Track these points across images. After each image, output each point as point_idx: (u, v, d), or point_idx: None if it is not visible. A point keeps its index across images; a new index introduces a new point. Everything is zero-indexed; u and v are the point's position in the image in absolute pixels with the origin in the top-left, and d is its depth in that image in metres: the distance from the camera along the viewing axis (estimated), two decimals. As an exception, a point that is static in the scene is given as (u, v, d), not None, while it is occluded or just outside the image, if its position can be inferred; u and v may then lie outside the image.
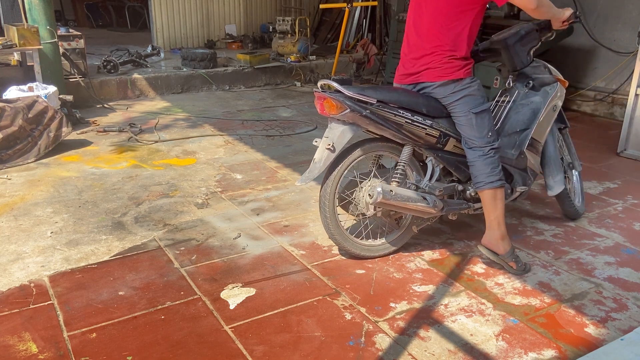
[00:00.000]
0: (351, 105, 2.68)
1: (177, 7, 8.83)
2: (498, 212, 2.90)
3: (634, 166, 4.70)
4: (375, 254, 3.05)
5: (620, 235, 3.42)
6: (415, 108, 2.82)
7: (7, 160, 4.31)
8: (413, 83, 2.93)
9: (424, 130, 2.84)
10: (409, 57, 2.93)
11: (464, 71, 2.83)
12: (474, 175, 2.90)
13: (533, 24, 3.16)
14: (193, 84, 7.19)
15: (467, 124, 2.85)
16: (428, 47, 2.82)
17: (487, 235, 2.95)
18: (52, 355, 2.25)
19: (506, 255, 2.92)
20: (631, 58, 5.75)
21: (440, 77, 2.81)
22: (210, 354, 2.28)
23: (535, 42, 3.17)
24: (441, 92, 2.85)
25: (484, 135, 2.85)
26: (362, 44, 8.12)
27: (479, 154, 2.86)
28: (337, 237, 2.95)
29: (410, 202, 2.82)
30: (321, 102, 2.75)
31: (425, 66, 2.84)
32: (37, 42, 5.34)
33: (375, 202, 2.74)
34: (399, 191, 2.80)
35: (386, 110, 2.75)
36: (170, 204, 3.72)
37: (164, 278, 2.83)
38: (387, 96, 2.78)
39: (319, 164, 2.80)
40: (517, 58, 3.16)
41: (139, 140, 5.04)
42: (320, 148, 2.84)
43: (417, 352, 2.32)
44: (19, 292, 2.68)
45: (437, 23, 2.78)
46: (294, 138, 5.31)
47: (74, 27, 7.69)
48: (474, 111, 2.83)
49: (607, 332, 2.47)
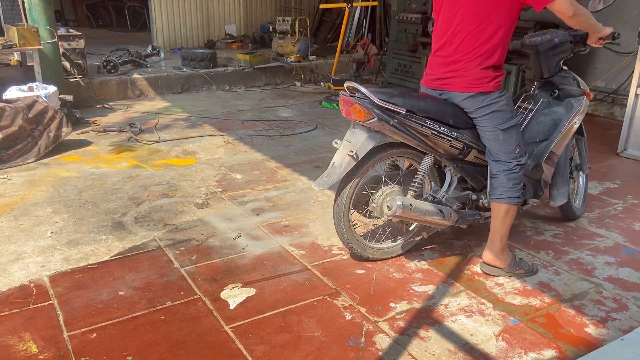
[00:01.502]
0: (379, 114, 2.59)
1: (177, 7, 8.83)
2: (505, 228, 2.85)
3: (634, 166, 4.70)
4: (385, 257, 3.04)
5: (620, 235, 3.42)
6: (443, 119, 2.74)
7: (7, 160, 4.31)
8: (440, 89, 2.82)
9: (449, 143, 2.77)
10: (436, 60, 2.81)
11: (494, 83, 2.69)
12: (493, 187, 2.83)
13: (569, 34, 3.03)
14: (193, 84, 7.19)
15: (494, 139, 2.76)
16: (458, 52, 2.69)
17: (487, 250, 2.89)
18: (52, 355, 2.25)
19: (510, 267, 2.89)
20: (631, 58, 5.75)
21: (469, 89, 2.69)
22: (210, 354, 2.28)
23: (568, 53, 3.05)
24: (469, 105, 2.74)
25: (510, 150, 2.77)
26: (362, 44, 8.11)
27: (504, 168, 2.79)
28: (351, 244, 2.92)
29: (427, 216, 2.80)
30: (348, 106, 2.66)
31: (454, 73, 2.71)
32: (37, 42, 5.34)
33: (393, 215, 2.71)
34: (418, 205, 2.76)
35: (414, 120, 2.67)
36: (170, 204, 3.72)
37: (164, 278, 2.83)
38: (415, 105, 2.68)
39: (339, 169, 2.71)
40: (546, 66, 3.05)
41: (139, 140, 5.04)
42: (340, 152, 2.74)
43: (417, 352, 2.32)
44: (19, 292, 2.68)
45: (471, 25, 2.63)
46: (294, 138, 5.31)
47: (74, 27, 7.69)
48: (501, 127, 2.72)
49: (607, 332, 2.47)
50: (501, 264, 2.88)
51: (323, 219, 3.54)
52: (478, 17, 2.62)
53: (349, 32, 8.95)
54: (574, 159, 3.54)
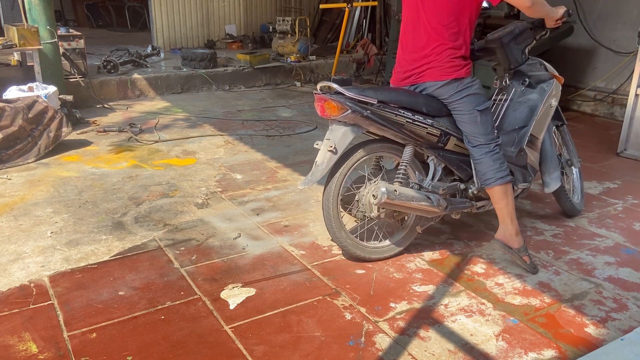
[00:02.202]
0: (352, 106, 2.67)
1: (177, 7, 8.83)
2: (510, 207, 2.92)
3: (634, 166, 4.70)
4: (380, 255, 3.04)
5: (620, 235, 3.42)
6: (416, 107, 2.83)
7: (7, 160, 4.31)
8: (413, 84, 2.93)
9: (425, 130, 2.84)
10: (406, 57, 2.93)
11: (465, 70, 2.85)
12: (481, 173, 2.90)
13: (527, 22, 3.18)
14: (193, 84, 7.19)
15: (472, 122, 2.86)
16: (428, 46, 2.82)
17: (502, 230, 2.97)
18: (52, 355, 2.25)
19: (520, 249, 2.95)
20: (631, 58, 5.75)
21: (443, 77, 2.82)
22: (210, 354, 2.28)
23: (530, 40, 3.19)
24: (444, 92, 2.85)
25: (488, 132, 2.88)
26: (362, 44, 8.13)
27: (485, 150, 2.87)
28: (341, 240, 2.93)
29: (414, 202, 2.82)
30: (321, 103, 2.74)
31: (427, 66, 2.84)
32: (37, 42, 5.34)
33: (379, 203, 2.74)
34: (403, 191, 2.80)
35: (387, 110, 2.75)
36: (170, 204, 3.72)
37: (164, 278, 2.83)
38: (387, 96, 2.78)
39: (322, 166, 2.78)
40: (512, 56, 3.18)
41: (139, 140, 5.04)
42: (322, 150, 2.82)
43: (417, 352, 2.32)
44: (19, 292, 2.68)
45: (436, 22, 2.78)
46: (294, 138, 5.31)
47: (74, 27, 7.70)
48: (478, 108, 2.85)
49: (607, 332, 2.47)
50: (513, 245, 2.95)
51: (323, 219, 3.53)
52: (443, 13, 2.77)
53: (349, 32, 8.95)
54: (562, 154, 3.60)
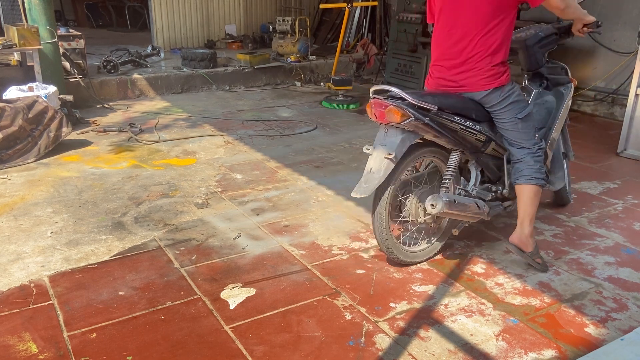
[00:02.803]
0: (414, 113, 2.61)
1: (177, 7, 8.83)
2: (533, 210, 2.94)
3: (634, 166, 4.70)
4: (419, 259, 3.04)
5: (620, 235, 3.42)
6: (467, 113, 2.82)
7: (7, 160, 4.31)
8: (454, 92, 2.87)
9: (475, 136, 2.85)
10: (444, 64, 2.86)
11: (506, 77, 2.81)
12: (519, 170, 2.91)
13: (552, 27, 3.20)
14: (193, 84, 7.19)
15: (514, 129, 2.87)
16: (469, 52, 2.76)
17: (517, 233, 2.96)
18: (52, 355, 2.25)
19: (534, 252, 2.97)
20: (631, 58, 5.75)
21: (486, 86, 2.78)
22: (210, 354, 2.28)
23: (553, 45, 3.21)
24: (487, 101, 2.84)
25: (530, 137, 2.90)
26: (362, 44, 8.12)
27: (528, 151, 2.90)
28: (390, 248, 2.90)
29: (467, 210, 2.85)
30: (382, 109, 2.65)
31: (467, 74, 2.79)
32: (37, 42, 5.34)
33: (438, 212, 2.73)
34: (460, 200, 2.83)
35: (444, 117, 2.72)
36: (170, 204, 3.72)
37: (164, 278, 2.83)
38: (443, 102, 2.74)
39: (379, 174, 2.70)
40: (534, 59, 3.20)
41: (139, 140, 5.04)
42: (376, 157, 2.73)
43: (417, 352, 2.32)
44: (19, 292, 2.68)
45: (478, 26, 2.71)
46: (294, 138, 5.31)
47: (74, 27, 7.69)
48: (519, 116, 2.84)
49: (607, 332, 2.47)
50: (526, 248, 2.95)
51: (323, 219, 3.54)
52: (484, 18, 2.70)
53: (349, 32, 8.95)
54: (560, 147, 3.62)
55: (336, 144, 5.15)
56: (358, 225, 3.47)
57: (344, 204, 3.78)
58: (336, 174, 4.35)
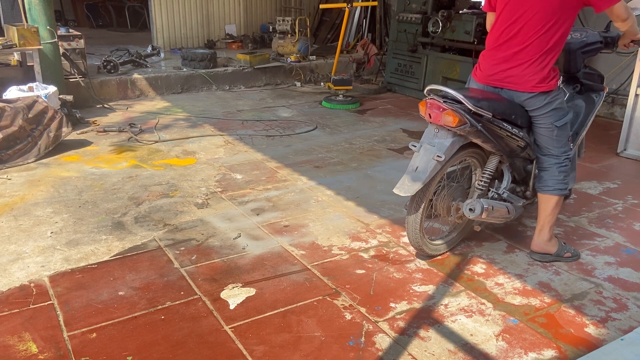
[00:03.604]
0: (470, 119, 2.61)
1: (177, 7, 8.83)
2: (554, 218, 2.99)
3: (634, 166, 4.70)
4: (441, 251, 3.10)
5: (620, 235, 3.42)
6: (513, 120, 2.81)
7: (7, 160, 4.31)
8: (500, 87, 2.86)
9: (517, 142, 2.86)
10: (498, 54, 2.82)
11: (555, 81, 2.79)
12: (543, 179, 2.94)
13: (599, 34, 3.18)
14: (193, 84, 7.19)
15: (548, 136, 2.88)
16: (525, 49, 2.73)
17: (537, 241, 3.03)
18: (52, 355, 2.25)
19: (559, 250, 3.03)
20: (631, 58, 5.74)
21: (535, 89, 2.76)
22: (210, 354, 2.28)
23: (595, 52, 3.20)
24: (531, 103, 2.81)
25: (562, 145, 2.90)
26: (362, 44, 8.12)
27: (555, 161, 2.92)
28: (421, 246, 2.95)
29: (499, 216, 2.90)
30: (439, 111, 2.63)
31: (518, 71, 2.77)
32: (37, 42, 5.34)
33: (476, 217, 2.78)
34: (496, 205, 2.87)
35: (495, 124, 2.72)
36: (170, 204, 3.72)
37: (164, 278, 2.83)
38: (496, 108, 2.72)
39: (424, 174, 2.68)
40: (574, 63, 3.19)
41: (139, 140, 5.04)
42: (423, 156, 2.72)
43: (417, 352, 2.32)
44: (19, 292, 2.68)
45: (540, 23, 2.68)
46: (294, 138, 5.31)
47: (74, 27, 7.70)
48: (557, 124, 2.84)
49: (607, 332, 2.47)
50: (551, 250, 3.02)
51: (323, 219, 3.54)
52: (547, 17, 2.67)
53: (349, 32, 8.95)
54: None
55: (336, 144, 5.15)
56: (358, 225, 3.47)
57: (343, 204, 3.78)
58: (336, 174, 4.35)
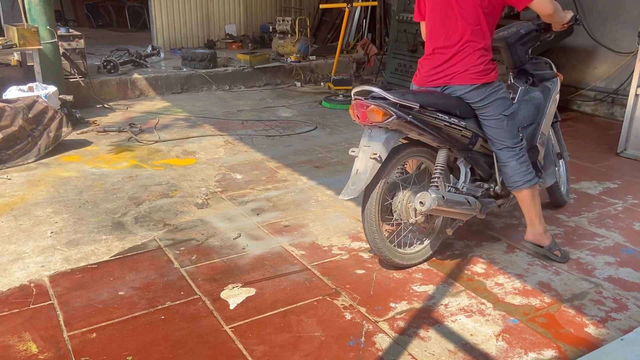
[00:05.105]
0: (396, 111, 2.61)
1: (177, 7, 8.83)
2: (537, 208, 2.99)
3: (634, 166, 4.70)
4: (416, 261, 3.01)
5: (620, 235, 3.42)
6: (450, 110, 2.81)
7: (7, 160, 4.31)
8: (442, 85, 2.88)
9: (460, 132, 2.84)
10: (436, 56, 2.87)
11: (494, 74, 2.84)
12: (508, 176, 2.93)
13: (533, 23, 3.22)
14: (193, 84, 7.19)
15: (499, 127, 2.87)
16: (460, 47, 2.79)
17: (530, 231, 3.04)
18: (52, 355, 2.25)
19: (551, 246, 3.04)
20: (631, 58, 5.74)
21: (475, 80, 2.80)
22: (210, 354, 2.28)
23: (535, 41, 3.24)
24: (472, 96, 2.83)
25: (514, 135, 2.91)
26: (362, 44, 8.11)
27: (511, 154, 2.90)
28: (382, 250, 2.86)
29: (458, 207, 2.85)
30: (363, 110, 2.64)
31: (457, 68, 2.81)
32: (37, 42, 5.34)
33: (428, 210, 2.71)
34: (450, 197, 2.82)
35: (427, 114, 2.71)
36: (170, 204, 3.72)
37: (164, 278, 2.83)
38: (425, 100, 2.73)
39: (365, 175, 2.68)
40: (517, 57, 3.22)
41: (139, 140, 5.04)
42: (362, 158, 2.72)
43: (417, 352, 2.32)
44: (19, 292, 2.68)
45: (470, 22, 2.75)
46: (294, 138, 5.31)
47: (74, 27, 7.69)
48: (506, 113, 2.85)
49: (607, 332, 2.47)
50: (543, 244, 3.03)
51: (323, 219, 3.54)
52: (475, 16, 2.76)
53: (349, 32, 8.94)
54: (554, 146, 3.65)
55: (336, 144, 5.15)
56: (358, 225, 3.47)
57: (343, 204, 3.78)
58: (336, 174, 4.35)
